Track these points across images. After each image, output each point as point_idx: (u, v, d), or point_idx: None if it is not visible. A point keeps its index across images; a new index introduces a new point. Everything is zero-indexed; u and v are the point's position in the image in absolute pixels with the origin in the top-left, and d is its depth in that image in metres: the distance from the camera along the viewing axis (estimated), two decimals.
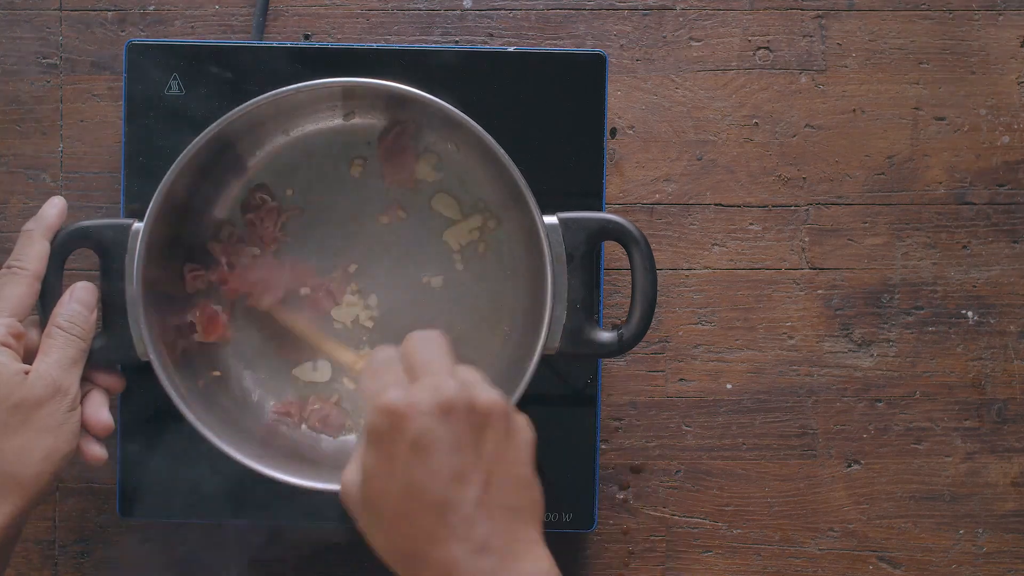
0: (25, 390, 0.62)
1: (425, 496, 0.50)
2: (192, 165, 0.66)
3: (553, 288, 0.66)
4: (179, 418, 0.65)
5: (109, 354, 0.66)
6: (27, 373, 0.62)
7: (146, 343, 0.65)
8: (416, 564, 0.51)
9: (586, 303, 0.67)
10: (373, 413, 0.51)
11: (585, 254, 0.67)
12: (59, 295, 0.65)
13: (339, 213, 0.73)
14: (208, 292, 0.72)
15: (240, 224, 0.72)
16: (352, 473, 0.53)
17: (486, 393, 0.52)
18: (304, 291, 0.73)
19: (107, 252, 0.66)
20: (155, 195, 0.65)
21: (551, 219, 0.67)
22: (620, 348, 0.67)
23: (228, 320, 0.72)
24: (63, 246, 0.66)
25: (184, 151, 0.65)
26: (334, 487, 0.65)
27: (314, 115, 0.72)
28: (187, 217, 0.70)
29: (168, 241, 0.69)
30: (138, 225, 0.66)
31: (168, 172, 0.65)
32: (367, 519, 0.53)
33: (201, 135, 0.65)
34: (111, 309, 0.66)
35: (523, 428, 0.54)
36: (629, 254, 0.67)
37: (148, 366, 0.66)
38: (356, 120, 0.72)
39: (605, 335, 0.67)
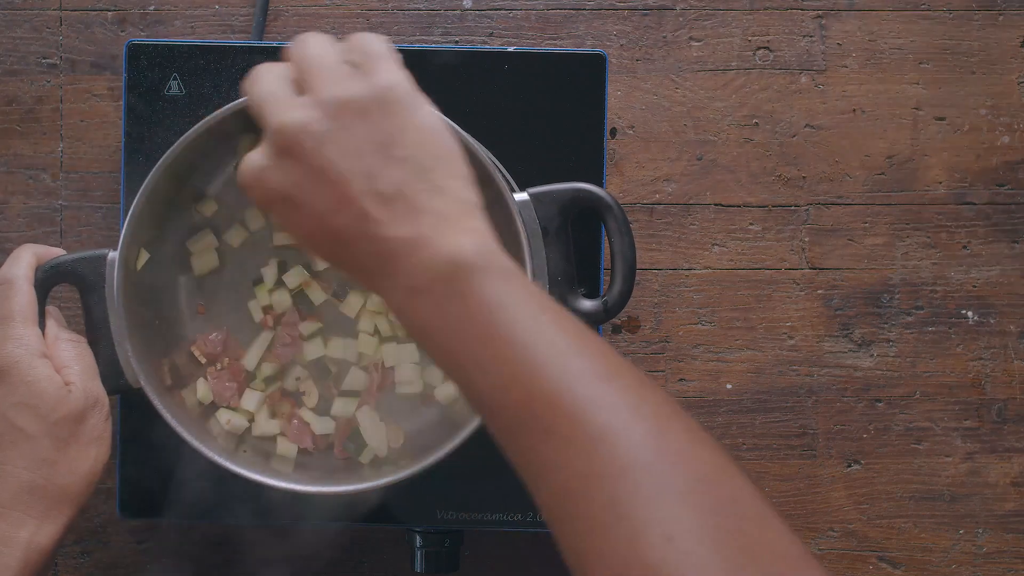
0: (71, 403, 0.62)
1: (334, 218, 0.50)
2: (155, 194, 0.66)
3: (532, 263, 0.65)
4: None
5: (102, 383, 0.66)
6: (67, 384, 0.62)
7: (136, 371, 0.65)
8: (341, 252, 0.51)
9: (567, 275, 0.66)
10: (269, 135, 0.51)
11: (560, 227, 0.66)
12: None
13: None
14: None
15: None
16: (254, 163, 0.52)
17: (368, 83, 0.51)
18: None
19: (87, 284, 0.65)
20: (125, 224, 0.65)
21: (522, 195, 0.66)
22: (606, 315, 0.66)
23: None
24: (42, 284, 0.65)
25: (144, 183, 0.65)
26: (331, 489, 0.65)
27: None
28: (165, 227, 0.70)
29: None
30: (112, 255, 0.65)
31: (134, 203, 0.65)
32: (279, 211, 0.52)
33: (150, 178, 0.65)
34: (98, 338, 0.66)
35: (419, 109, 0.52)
36: (604, 221, 0.66)
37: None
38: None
39: (589, 303, 0.67)
